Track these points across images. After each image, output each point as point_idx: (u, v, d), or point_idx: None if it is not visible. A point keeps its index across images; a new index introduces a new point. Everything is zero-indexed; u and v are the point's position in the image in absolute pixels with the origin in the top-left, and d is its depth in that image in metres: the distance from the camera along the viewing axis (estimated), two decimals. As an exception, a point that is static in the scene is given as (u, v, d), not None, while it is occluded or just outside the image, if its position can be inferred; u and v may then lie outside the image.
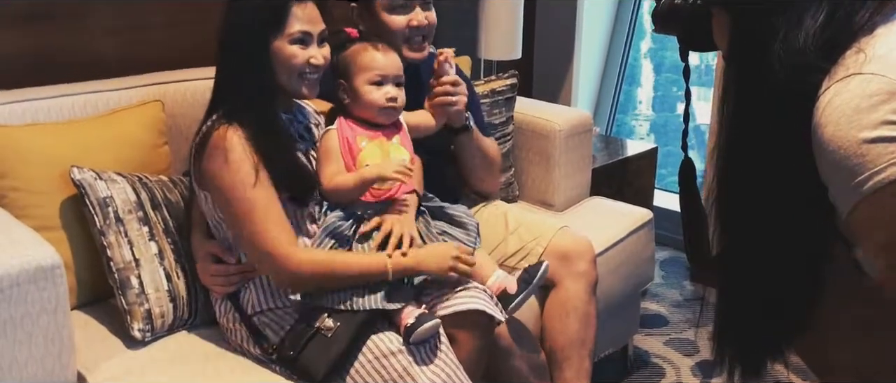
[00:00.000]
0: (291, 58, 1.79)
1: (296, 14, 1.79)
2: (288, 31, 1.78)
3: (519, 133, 2.71)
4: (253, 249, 1.76)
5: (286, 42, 1.78)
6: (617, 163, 3.16)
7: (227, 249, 1.85)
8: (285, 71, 1.80)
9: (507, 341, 2.02)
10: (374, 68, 1.92)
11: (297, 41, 1.79)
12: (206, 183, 1.78)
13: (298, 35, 1.79)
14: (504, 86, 2.64)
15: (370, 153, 1.91)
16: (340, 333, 1.72)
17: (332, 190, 1.87)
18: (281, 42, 1.78)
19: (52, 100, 2.06)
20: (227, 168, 1.73)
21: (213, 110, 1.81)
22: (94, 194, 1.87)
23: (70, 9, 2.27)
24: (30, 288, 1.56)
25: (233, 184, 1.73)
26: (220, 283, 1.85)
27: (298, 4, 1.79)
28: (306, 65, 1.81)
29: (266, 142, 1.76)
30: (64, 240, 1.92)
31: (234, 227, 1.78)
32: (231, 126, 1.75)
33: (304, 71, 1.81)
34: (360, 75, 1.92)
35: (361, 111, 1.94)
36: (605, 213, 2.70)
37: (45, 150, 1.94)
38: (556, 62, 3.79)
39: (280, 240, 1.74)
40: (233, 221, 1.77)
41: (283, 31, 1.78)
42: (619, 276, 2.52)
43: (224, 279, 1.84)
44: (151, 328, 1.85)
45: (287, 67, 1.80)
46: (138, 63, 2.31)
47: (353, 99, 1.94)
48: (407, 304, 1.80)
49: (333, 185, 1.86)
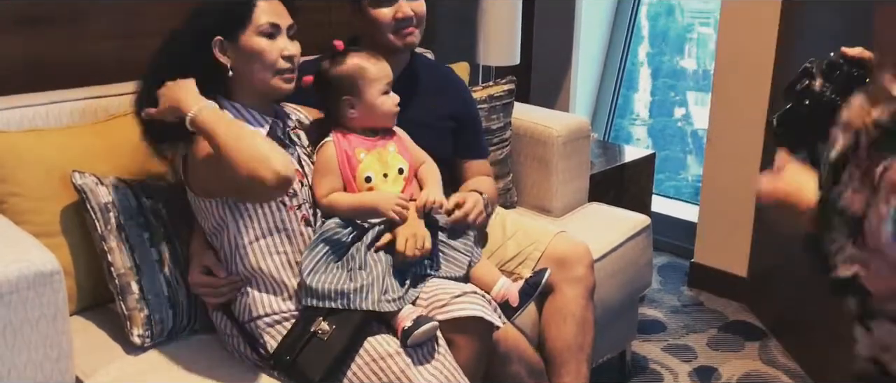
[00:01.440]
0: (263, 52, 1.78)
1: (261, 6, 1.79)
2: (255, 23, 1.77)
3: (517, 139, 2.72)
4: (242, 162, 1.61)
5: (254, 34, 1.77)
6: (615, 169, 3.17)
7: (219, 262, 1.84)
8: (259, 68, 1.79)
9: (505, 346, 2.03)
10: (385, 77, 1.95)
11: (265, 34, 1.78)
12: (190, 173, 1.79)
13: (266, 27, 1.78)
14: (502, 91, 2.65)
15: (369, 164, 1.91)
16: (337, 336, 1.73)
17: (326, 206, 1.88)
18: (247, 37, 1.77)
19: (51, 106, 2.06)
20: (206, 147, 1.69)
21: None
22: (96, 199, 1.87)
23: (69, 14, 2.28)
24: (29, 294, 1.56)
25: (213, 132, 1.64)
26: (210, 294, 1.85)
27: None
28: (279, 58, 1.79)
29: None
30: (63, 245, 1.92)
31: (223, 159, 1.64)
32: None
33: (278, 66, 1.80)
34: (372, 87, 1.94)
35: (374, 121, 1.96)
36: (602, 219, 2.70)
37: (44, 156, 1.94)
38: (554, 68, 3.80)
39: (267, 147, 1.65)
40: (222, 156, 1.64)
41: (250, 24, 1.77)
42: (617, 282, 2.52)
43: (213, 291, 1.84)
44: (151, 334, 1.86)
45: (260, 63, 1.78)
46: (138, 68, 2.30)
47: (366, 111, 1.94)
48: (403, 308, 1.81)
49: (328, 203, 1.88)
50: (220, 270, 1.84)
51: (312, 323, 1.76)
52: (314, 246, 1.82)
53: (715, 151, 3.30)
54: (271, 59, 1.79)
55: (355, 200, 1.88)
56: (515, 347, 2.05)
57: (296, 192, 1.83)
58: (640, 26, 4.50)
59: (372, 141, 1.96)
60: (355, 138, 1.94)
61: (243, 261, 1.81)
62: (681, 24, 4.90)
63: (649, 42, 4.81)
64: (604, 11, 4.00)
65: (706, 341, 3.05)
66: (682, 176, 4.87)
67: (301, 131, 1.98)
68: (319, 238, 1.83)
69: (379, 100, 1.94)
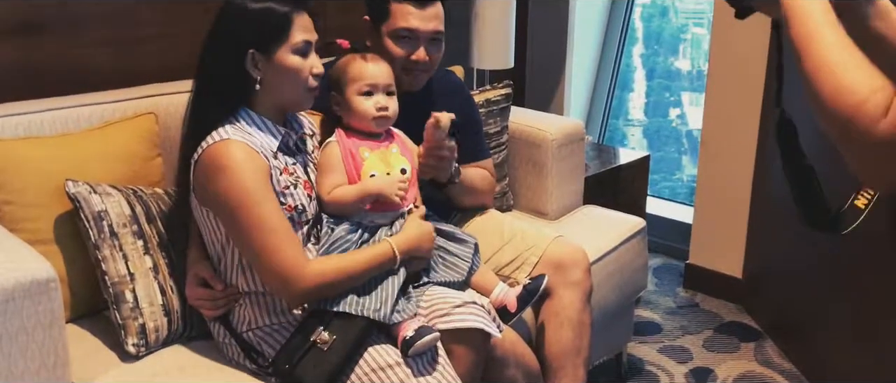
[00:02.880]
0: (297, 69, 1.77)
1: (297, 23, 1.77)
2: (292, 40, 1.76)
3: (512, 142, 2.72)
4: (265, 270, 1.73)
5: (289, 52, 1.76)
6: (610, 172, 3.17)
7: (215, 273, 1.83)
8: (291, 82, 1.78)
9: (502, 351, 2.03)
10: (364, 78, 1.92)
11: (299, 51, 1.77)
12: (209, 202, 1.75)
13: (301, 45, 1.77)
14: (498, 95, 2.65)
15: (373, 163, 1.91)
16: (337, 346, 1.71)
17: (331, 201, 1.86)
18: (283, 52, 1.76)
19: (45, 114, 2.06)
20: (234, 187, 1.69)
21: (197, 122, 1.78)
22: (89, 208, 1.86)
23: (62, 21, 2.27)
24: (25, 303, 1.55)
25: (239, 203, 1.69)
26: (207, 307, 1.84)
27: (297, 15, 1.77)
28: (310, 76, 1.79)
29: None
30: (58, 253, 1.92)
31: (243, 248, 1.75)
32: (230, 140, 1.72)
33: (309, 84, 1.80)
34: (350, 86, 1.93)
35: (355, 122, 1.94)
36: (598, 222, 2.70)
37: (38, 164, 1.93)
38: (548, 70, 3.80)
39: (292, 260, 1.71)
40: (242, 240, 1.74)
41: (288, 40, 1.76)
42: (613, 285, 2.53)
43: (210, 303, 1.83)
44: (146, 342, 1.85)
45: (293, 79, 1.78)
46: (131, 75, 2.31)
47: (346, 110, 1.94)
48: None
49: (333, 198, 1.86)
50: (217, 282, 1.83)
51: (312, 333, 1.74)
52: (325, 253, 1.81)
53: (709, 152, 3.30)
54: (303, 76, 1.78)
55: (359, 189, 1.86)
56: (512, 351, 2.05)
57: (304, 208, 1.82)
58: (634, 28, 4.50)
59: (374, 141, 1.95)
60: (358, 138, 1.94)
61: (245, 275, 1.80)
62: (675, 25, 4.91)
63: (643, 43, 4.82)
64: (597, 13, 4.01)
65: (702, 342, 3.06)
66: (678, 176, 4.88)
67: (309, 136, 1.97)
68: (329, 245, 1.82)
69: (355, 100, 1.92)
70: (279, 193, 1.76)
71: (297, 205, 1.79)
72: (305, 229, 1.82)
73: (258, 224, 1.70)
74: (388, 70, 1.97)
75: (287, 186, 1.78)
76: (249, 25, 1.75)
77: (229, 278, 1.83)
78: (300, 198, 1.80)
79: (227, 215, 1.73)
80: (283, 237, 1.71)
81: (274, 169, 1.76)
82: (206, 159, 1.72)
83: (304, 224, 1.81)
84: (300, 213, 1.80)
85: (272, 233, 1.70)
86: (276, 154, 1.79)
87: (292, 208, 1.78)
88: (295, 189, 1.80)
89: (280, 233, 1.71)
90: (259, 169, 1.72)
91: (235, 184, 1.69)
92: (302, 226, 1.81)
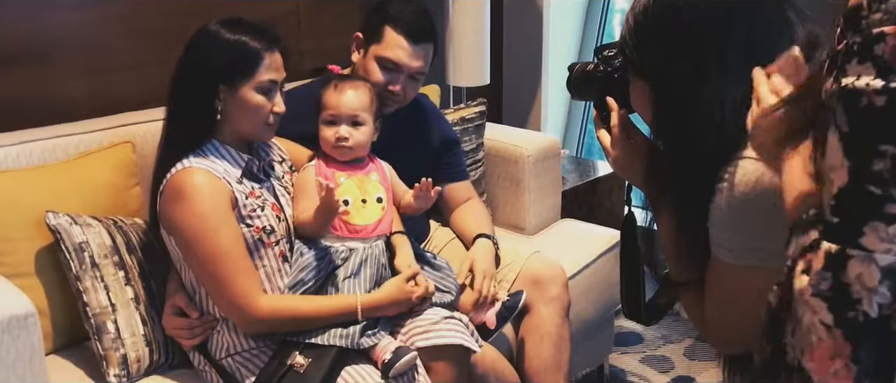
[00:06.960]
0: (259, 107, 1.81)
1: (266, 63, 1.80)
2: (258, 78, 1.80)
3: (488, 159, 2.74)
4: (218, 297, 1.78)
5: (253, 89, 1.80)
6: (587, 185, 3.19)
7: (192, 302, 1.85)
8: (250, 118, 1.82)
9: (483, 367, 2.04)
10: (328, 108, 1.97)
11: (263, 90, 1.80)
12: (173, 230, 1.79)
13: (266, 84, 1.81)
14: (473, 113, 2.67)
15: (348, 189, 1.93)
16: (313, 370, 1.73)
17: (298, 224, 1.89)
18: (247, 89, 1.80)
19: (21, 146, 2.04)
20: (191, 214, 1.74)
21: (166, 153, 1.83)
22: (70, 239, 1.87)
23: (35, 52, 2.27)
24: (4, 338, 1.56)
25: (194, 231, 1.74)
26: (185, 336, 1.85)
27: (269, 53, 1.81)
28: (270, 114, 1.83)
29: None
30: (39, 286, 1.91)
31: (199, 274, 1.79)
32: (192, 168, 1.76)
33: (268, 121, 1.84)
34: (321, 113, 1.98)
35: (323, 147, 1.97)
36: (576, 236, 2.73)
37: (15, 197, 1.93)
38: (524, 86, 3.82)
39: (244, 290, 1.75)
40: (197, 269, 1.79)
41: (254, 77, 1.79)
42: (592, 298, 2.55)
43: (188, 332, 1.85)
44: (127, 373, 1.85)
45: (252, 115, 1.82)
46: (106, 104, 2.31)
47: (319, 136, 1.97)
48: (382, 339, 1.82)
49: (297, 220, 1.89)
50: (192, 310, 1.84)
51: (288, 357, 1.76)
52: (294, 281, 1.83)
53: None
54: (263, 115, 1.82)
55: (316, 209, 1.84)
56: (493, 368, 2.07)
57: (273, 229, 1.84)
58: (613, 35, 4.52)
59: (351, 168, 1.97)
60: (336, 165, 1.96)
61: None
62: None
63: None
64: (572, 26, 4.03)
65: (683, 351, 3.08)
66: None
67: (277, 162, 1.99)
68: (297, 269, 1.84)
69: (321, 127, 1.97)
70: (246, 216, 1.79)
71: (265, 225, 1.82)
72: (276, 249, 1.84)
73: (213, 253, 1.73)
74: (360, 100, 1.98)
75: (254, 209, 1.81)
76: (220, 55, 1.79)
77: (205, 306, 1.84)
78: (268, 220, 1.83)
79: (184, 244, 1.77)
80: (239, 267, 1.75)
81: (238, 193, 1.79)
82: (168, 188, 1.77)
83: (273, 244, 1.83)
84: (269, 234, 1.83)
85: (226, 262, 1.74)
86: (240, 180, 1.81)
87: (260, 229, 1.81)
88: (262, 211, 1.83)
89: (235, 262, 1.75)
90: (218, 193, 1.75)
91: (194, 211, 1.73)
92: (271, 246, 1.83)
